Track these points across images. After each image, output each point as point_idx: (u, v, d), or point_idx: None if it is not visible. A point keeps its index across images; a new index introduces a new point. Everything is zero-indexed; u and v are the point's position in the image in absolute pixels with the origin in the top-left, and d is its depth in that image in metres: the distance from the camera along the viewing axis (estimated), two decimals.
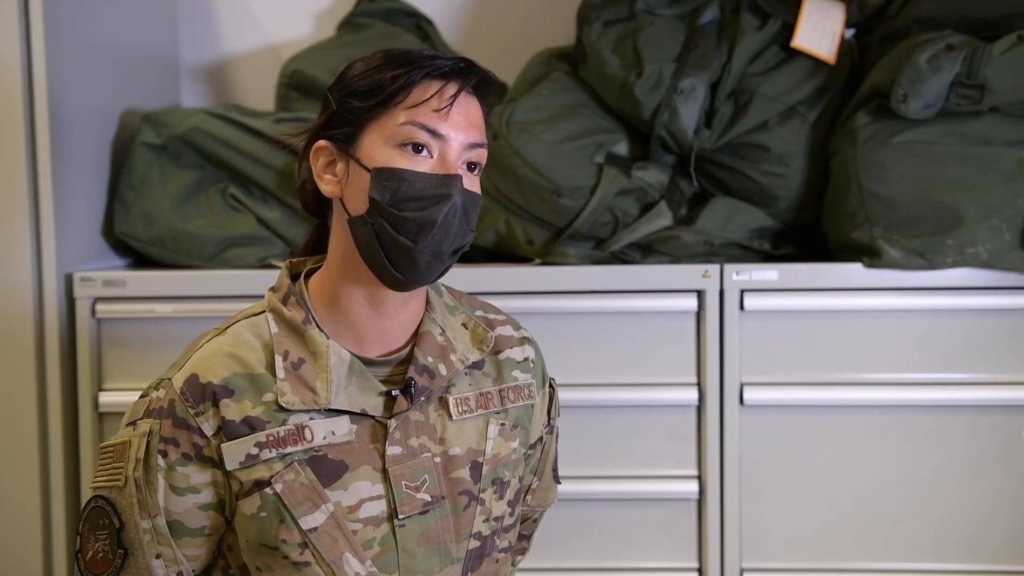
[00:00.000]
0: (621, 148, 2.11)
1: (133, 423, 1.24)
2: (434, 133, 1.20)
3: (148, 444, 1.21)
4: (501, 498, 1.30)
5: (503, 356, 1.36)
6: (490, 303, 1.43)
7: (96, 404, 2.02)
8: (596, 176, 2.06)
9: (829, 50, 2.10)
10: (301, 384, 1.22)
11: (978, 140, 1.93)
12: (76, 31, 2.06)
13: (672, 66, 2.07)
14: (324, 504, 1.20)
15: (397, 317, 1.27)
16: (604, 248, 2.08)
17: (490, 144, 2.05)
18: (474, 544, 1.27)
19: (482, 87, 1.25)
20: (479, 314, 1.38)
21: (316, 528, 1.20)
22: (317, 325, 1.25)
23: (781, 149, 2.06)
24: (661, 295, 1.98)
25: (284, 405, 1.21)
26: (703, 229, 2.04)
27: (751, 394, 1.95)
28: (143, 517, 1.21)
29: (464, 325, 1.34)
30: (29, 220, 1.97)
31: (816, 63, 2.10)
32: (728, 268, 1.95)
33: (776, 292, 1.95)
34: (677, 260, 2.06)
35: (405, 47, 1.26)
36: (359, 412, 1.23)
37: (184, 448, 1.21)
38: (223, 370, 1.22)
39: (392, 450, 1.23)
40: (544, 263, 2.09)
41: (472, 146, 1.22)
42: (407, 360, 1.28)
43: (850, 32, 2.22)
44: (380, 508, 1.22)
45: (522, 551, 1.57)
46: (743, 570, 2.00)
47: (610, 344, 1.98)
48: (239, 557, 1.25)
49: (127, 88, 2.30)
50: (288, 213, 2.16)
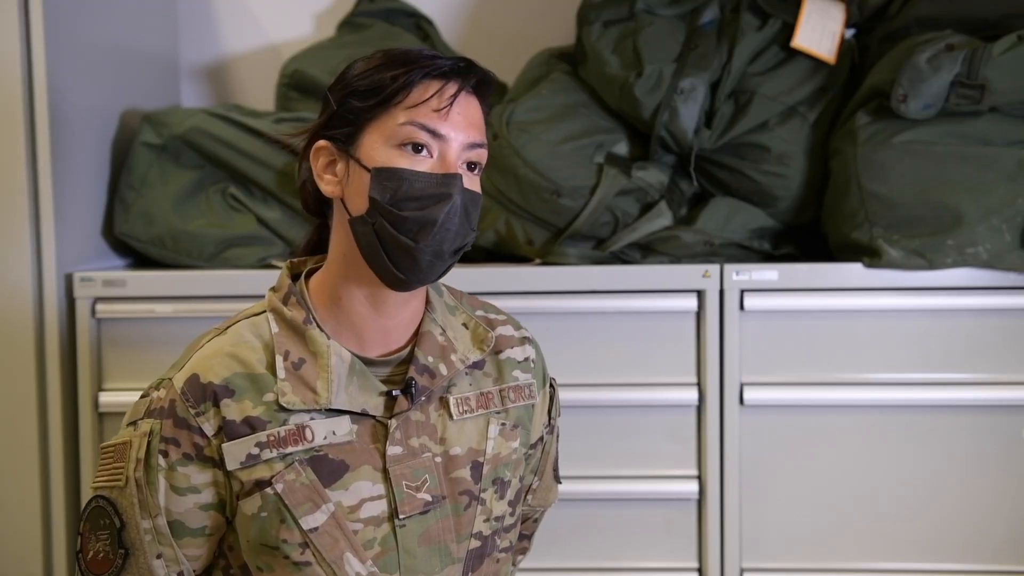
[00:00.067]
0: (621, 148, 2.11)
1: (134, 423, 1.24)
2: (434, 133, 1.20)
3: (149, 444, 1.21)
4: (502, 498, 1.30)
5: (504, 356, 1.36)
6: (490, 303, 1.43)
7: (96, 404, 2.02)
8: (596, 176, 2.06)
9: (829, 50, 2.10)
10: (302, 384, 1.22)
11: (978, 140, 1.93)
12: (76, 31, 2.06)
13: (672, 66, 2.07)
14: (325, 504, 1.20)
15: (398, 317, 1.27)
16: (604, 248, 2.08)
17: (490, 144, 2.05)
18: (475, 544, 1.27)
19: (482, 87, 1.25)
20: (479, 314, 1.38)
21: (317, 528, 1.20)
22: (318, 325, 1.25)
23: (781, 149, 2.06)
24: (661, 295, 1.98)
25: (285, 405, 1.21)
26: (703, 229, 2.04)
27: (751, 394, 1.95)
28: (144, 517, 1.21)
29: (465, 325, 1.34)
30: (29, 220, 1.97)
31: (816, 63, 2.10)
32: (728, 268, 1.95)
33: (776, 292, 1.95)
34: (677, 260, 2.06)
35: (405, 47, 1.26)
36: (360, 412, 1.23)
37: (185, 448, 1.21)
38: (224, 370, 1.22)
39: (393, 450, 1.23)
40: (544, 263, 2.09)
41: (472, 146, 1.22)
42: (407, 360, 1.28)
43: (850, 32, 2.22)
44: (381, 508, 1.22)
45: (523, 551, 1.57)
46: (743, 570, 2.00)
47: (610, 344, 1.98)
48: (240, 557, 1.25)
49: (127, 88, 2.30)
50: (288, 213, 2.16)
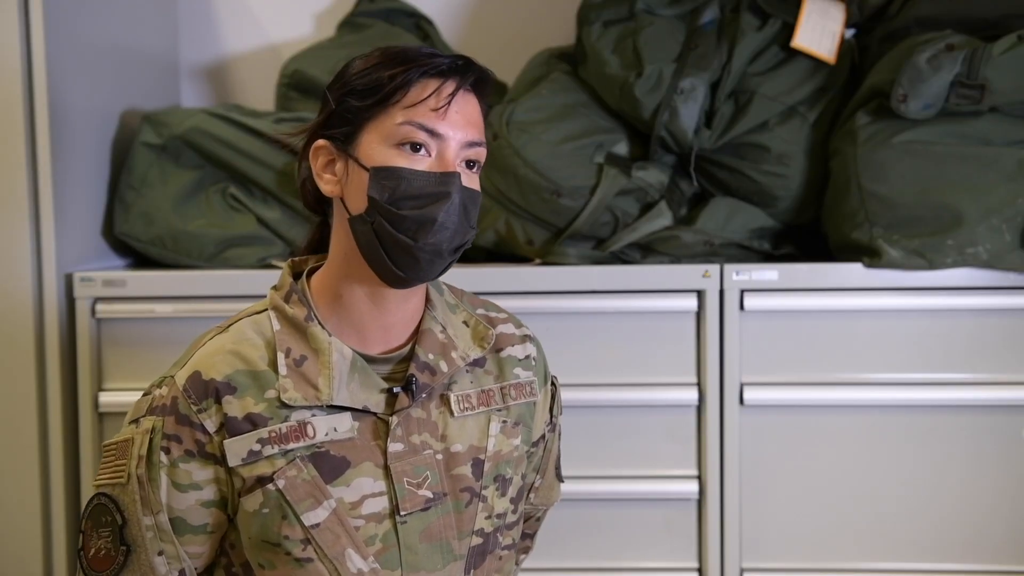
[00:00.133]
0: (621, 148, 2.11)
1: (136, 420, 1.24)
2: (432, 132, 1.20)
3: (151, 441, 1.21)
4: (503, 495, 1.30)
5: (505, 354, 1.36)
6: (491, 302, 1.43)
7: (96, 404, 2.02)
8: (596, 176, 2.06)
9: (829, 50, 2.10)
10: (303, 381, 1.22)
11: (978, 140, 1.93)
12: (76, 31, 2.06)
13: (672, 66, 2.07)
14: (326, 500, 1.20)
15: (398, 314, 1.27)
16: (604, 248, 2.08)
17: (490, 144, 2.06)
18: (476, 541, 1.27)
19: (480, 85, 1.25)
20: (480, 312, 1.38)
21: (318, 524, 1.20)
22: (319, 322, 1.25)
23: (781, 149, 2.06)
24: (661, 295, 1.98)
25: (286, 401, 1.21)
26: (703, 229, 2.04)
27: (751, 394, 1.95)
28: (145, 514, 1.21)
29: (465, 323, 1.34)
30: (29, 220, 1.97)
31: (816, 63, 2.10)
32: (728, 268, 1.95)
33: (776, 292, 1.95)
34: (677, 260, 2.06)
35: (403, 45, 1.26)
36: (361, 409, 1.23)
37: (187, 445, 1.21)
38: (226, 367, 1.22)
39: (394, 447, 1.23)
40: (544, 263, 2.09)
41: (470, 144, 1.22)
42: (408, 357, 1.28)
43: (850, 32, 2.22)
44: (382, 504, 1.22)
45: (525, 550, 1.57)
46: (743, 570, 2.00)
47: (610, 344, 1.98)
48: (242, 555, 1.25)
49: (127, 88, 2.30)
50: (288, 213, 2.16)
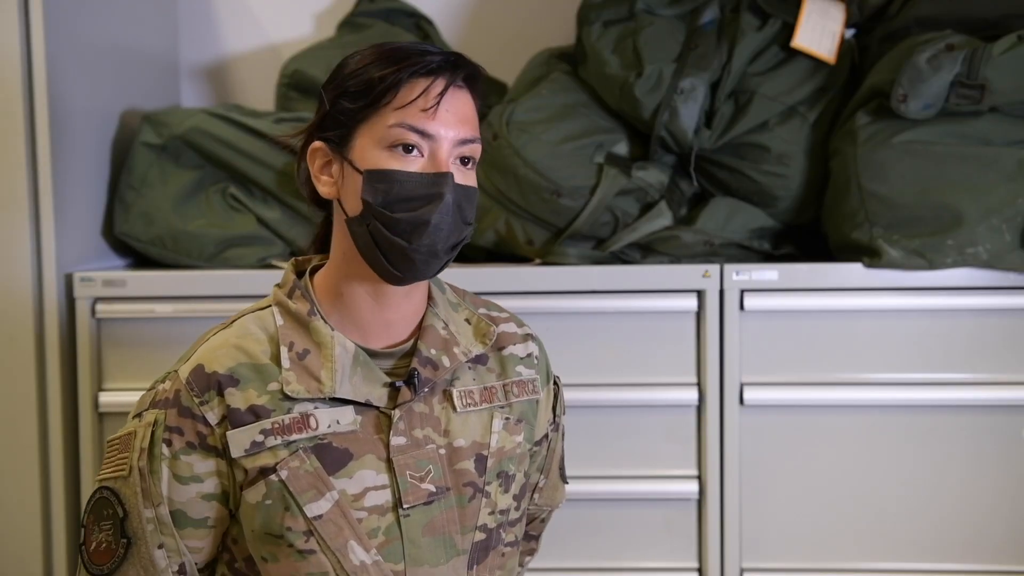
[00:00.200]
0: (621, 148, 2.11)
1: (139, 414, 1.25)
2: (423, 133, 1.20)
3: (153, 433, 1.22)
4: (506, 491, 1.30)
5: (507, 352, 1.36)
6: (493, 301, 1.43)
7: (96, 404, 2.02)
8: (596, 176, 2.06)
9: (829, 50, 2.10)
10: (306, 373, 1.22)
11: (978, 140, 1.93)
12: (76, 31, 2.06)
13: (672, 66, 2.07)
14: (329, 492, 1.20)
15: (400, 311, 1.28)
16: (604, 248, 2.08)
17: (490, 144, 2.06)
18: (479, 536, 1.28)
19: (472, 80, 1.25)
20: (482, 311, 1.38)
21: (321, 516, 1.20)
22: (322, 317, 1.26)
23: (781, 149, 2.06)
24: (661, 295, 1.98)
25: (289, 394, 1.21)
26: (703, 229, 2.04)
27: (751, 394, 1.95)
28: (146, 506, 1.21)
29: (467, 320, 1.34)
30: (29, 220, 1.97)
31: (816, 63, 2.10)
32: (728, 268, 1.95)
33: (776, 292, 1.95)
34: (677, 260, 2.06)
35: (397, 42, 1.25)
36: (363, 402, 1.24)
37: (188, 437, 1.21)
38: (228, 360, 1.22)
39: (396, 440, 1.23)
40: (544, 263, 2.09)
41: (463, 142, 1.22)
42: (411, 353, 1.28)
43: (850, 32, 2.22)
44: (385, 497, 1.22)
45: (530, 551, 1.57)
46: (743, 570, 2.00)
47: (610, 344, 1.98)
48: (244, 549, 1.25)
49: (127, 88, 2.30)
50: (288, 213, 2.16)
